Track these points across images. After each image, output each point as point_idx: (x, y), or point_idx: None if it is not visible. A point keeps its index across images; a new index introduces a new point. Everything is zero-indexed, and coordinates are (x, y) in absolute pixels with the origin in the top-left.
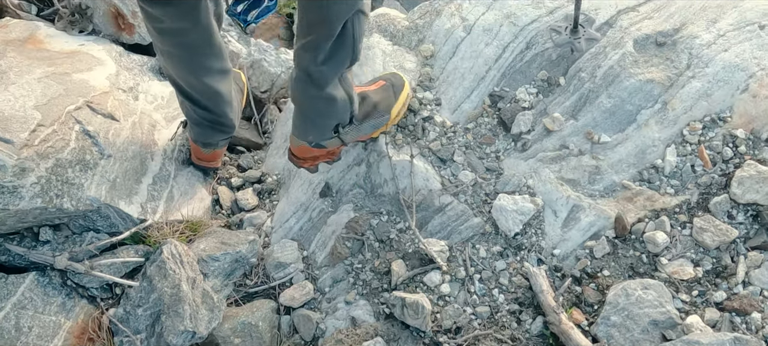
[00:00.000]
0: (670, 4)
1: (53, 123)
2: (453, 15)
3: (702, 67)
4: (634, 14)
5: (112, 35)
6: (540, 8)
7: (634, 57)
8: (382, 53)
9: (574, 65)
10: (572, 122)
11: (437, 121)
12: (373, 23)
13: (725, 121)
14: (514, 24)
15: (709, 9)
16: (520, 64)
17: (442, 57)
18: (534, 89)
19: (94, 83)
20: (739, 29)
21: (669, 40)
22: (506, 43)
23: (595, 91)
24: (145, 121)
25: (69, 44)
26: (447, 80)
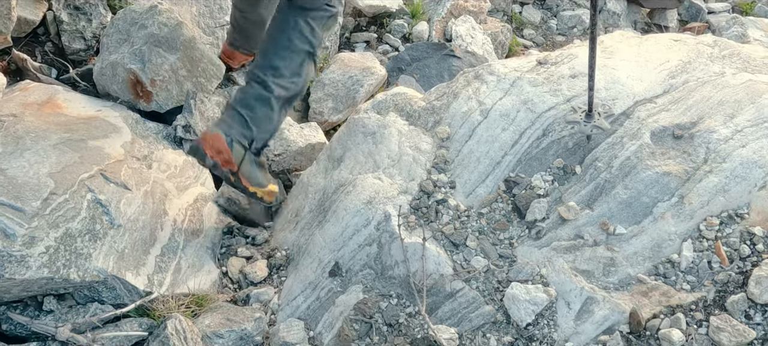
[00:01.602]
0: (687, 97)
1: (66, 191)
2: (470, 98)
3: (719, 163)
4: (651, 106)
5: (130, 102)
6: (558, 96)
7: (651, 149)
8: (398, 133)
9: (590, 154)
10: (588, 212)
11: (451, 205)
12: (390, 102)
13: (743, 218)
14: (532, 110)
15: (726, 103)
16: (537, 150)
17: (458, 140)
18: (550, 177)
19: (109, 151)
20: (757, 125)
21: (686, 134)
22: (523, 129)
23: (612, 181)
24: (158, 190)
25: (87, 109)
26: (462, 163)
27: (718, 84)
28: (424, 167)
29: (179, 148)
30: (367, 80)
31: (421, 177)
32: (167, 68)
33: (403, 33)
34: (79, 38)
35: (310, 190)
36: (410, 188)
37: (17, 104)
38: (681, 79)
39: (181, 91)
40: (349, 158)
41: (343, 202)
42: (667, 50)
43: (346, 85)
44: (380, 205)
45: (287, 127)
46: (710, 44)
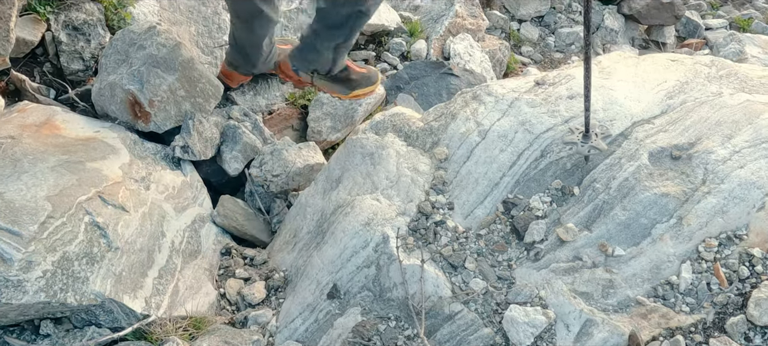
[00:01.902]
0: (685, 118)
1: (63, 215)
2: (468, 119)
3: (717, 183)
4: (649, 126)
5: (128, 122)
6: (555, 116)
7: (649, 170)
8: (396, 154)
9: (588, 175)
10: (586, 233)
11: (449, 226)
12: (388, 122)
13: (741, 239)
14: (530, 132)
15: (724, 124)
16: (535, 172)
17: (456, 161)
18: (548, 198)
19: (107, 173)
20: (755, 146)
21: (684, 154)
22: (521, 150)
23: (610, 202)
24: (155, 212)
25: (85, 130)
26: (460, 185)
27: (715, 104)
28: (423, 188)
29: (177, 168)
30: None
31: (419, 198)
32: (165, 89)
33: (401, 51)
34: (77, 59)
35: (309, 211)
36: (408, 210)
37: (15, 126)
38: (678, 99)
39: (179, 111)
40: (347, 179)
41: (342, 223)
42: (664, 70)
43: (344, 104)
44: (378, 226)
45: (285, 148)
46: (707, 64)
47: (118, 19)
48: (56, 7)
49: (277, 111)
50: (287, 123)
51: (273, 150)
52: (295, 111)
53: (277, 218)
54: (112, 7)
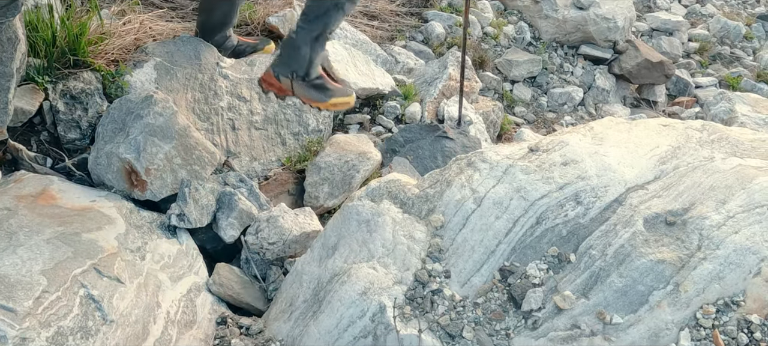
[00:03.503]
0: (678, 183)
1: (58, 289)
2: (463, 186)
3: (713, 249)
4: (643, 192)
5: (125, 191)
6: (550, 183)
7: (644, 236)
8: (392, 221)
9: (584, 242)
10: (583, 301)
11: (446, 295)
12: (384, 189)
13: (739, 306)
14: (525, 198)
15: (717, 189)
16: (531, 239)
17: (452, 228)
18: (544, 265)
19: (102, 244)
20: (749, 211)
21: (679, 220)
22: (516, 217)
23: (607, 269)
24: (151, 282)
25: (81, 200)
26: (457, 252)
27: (708, 169)
28: (419, 256)
29: (173, 237)
30: (364, 166)
31: (415, 266)
32: (162, 157)
33: (396, 114)
34: (75, 127)
35: (305, 279)
36: (405, 278)
37: (12, 197)
38: (671, 164)
39: (176, 179)
40: (343, 246)
41: (338, 292)
42: (656, 135)
43: (342, 169)
44: (375, 296)
45: (281, 215)
46: (699, 129)
47: (115, 87)
48: (54, 76)
49: (273, 176)
50: (283, 188)
51: (269, 217)
52: (291, 176)
53: (273, 285)
54: (109, 75)
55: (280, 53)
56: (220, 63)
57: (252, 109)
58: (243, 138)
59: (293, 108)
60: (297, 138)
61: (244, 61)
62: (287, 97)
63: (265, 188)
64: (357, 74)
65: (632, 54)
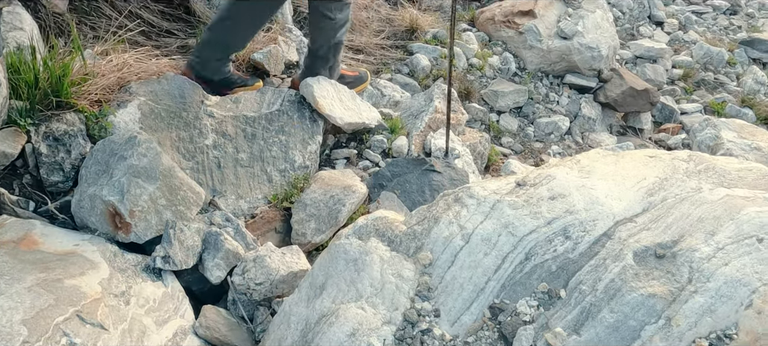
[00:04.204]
0: (667, 215)
1: (40, 338)
2: (451, 222)
3: (703, 282)
4: (631, 225)
5: (109, 234)
6: (538, 218)
7: (634, 270)
8: (380, 259)
9: (574, 277)
10: (575, 338)
11: (436, 335)
12: (371, 227)
13: (732, 339)
14: (513, 234)
15: (706, 220)
16: (520, 275)
17: (441, 266)
18: (535, 302)
19: (85, 289)
20: (738, 242)
21: (669, 253)
22: (505, 254)
23: (597, 305)
24: (136, 327)
25: (64, 244)
26: (446, 290)
27: (696, 200)
28: (408, 295)
29: (158, 279)
30: (349, 199)
31: (404, 306)
32: (146, 198)
33: (382, 148)
34: (57, 170)
35: (293, 319)
36: (394, 318)
37: None
38: (659, 196)
39: (161, 220)
40: (331, 286)
41: (326, 334)
42: (643, 167)
43: (328, 205)
44: (364, 337)
45: (268, 255)
46: (685, 159)
47: (99, 128)
48: (37, 118)
49: (260, 214)
50: (270, 226)
51: (256, 257)
52: (278, 213)
53: (260, 327)
54: (93, 116)
55: (307, 69)
56: (205, 101)
57: (238, 146)
58: (229, 176)
59: (279, 145)
60: (283, 175)
61: (229, 98)
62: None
63: (251, 226)
64: (343, 109)
65: (617, 82)
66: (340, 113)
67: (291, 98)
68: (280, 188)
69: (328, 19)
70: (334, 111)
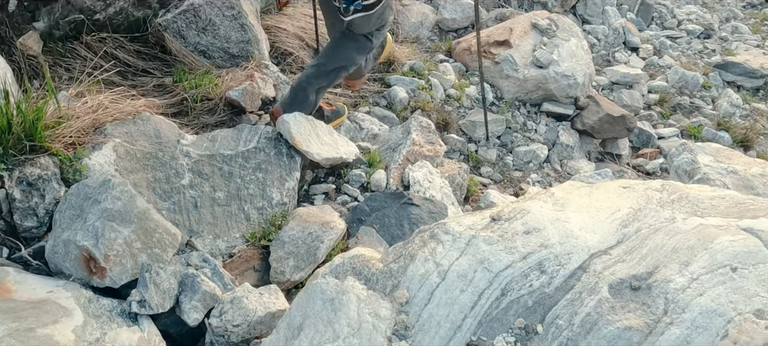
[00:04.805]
0: (641, 246)
1: None
2: (427, 259)
3: (679, 313)
4: (606, 257)
5: (83, 279)
6: (513, 253)
7: (610, 303)
8: (356, 299)
9: (551, 312)
10: None
11: None
12: (348, 265)
13: None
14: (489, 270)
15: (680, 250)
16: (497, 311)
17: (418, 303)
18: (512, 338)
19: (58, 338)
20: (712, 272)
21: (644, 285)
22: (481, 290)
23: (574, 339)
24: None
25: (37, 291)
26: (423, 329)
27: (669, 230)
28: (385, 335)
29: (135, 324)
30: (327, 236)
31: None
32: (121, 242)
33: (361, 182)
34: (31, 215)
35: None
36: None
37: None
38: (633, 227)
39: (136, 263)
40: (308, 327)
41: None
42: (617, 198)
43: (306, 242)
44: None
45: (246, 295)
46: (658, 189)
47: (73, 171)
48: (10, 163)
49: (238, 253)
50: (248, 265)
51: (233, 298)
52: (256, 252)
53: None
54: (67, 160)
55: (290, 96)
56: (181, 141)
57: (214, 185)
58: (206, 216)
59: (256, 183)
60: (261, 213)
61: (205, 137)
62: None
63: (229, 266)
64: (320, 145)
65: (594, 109)
66: (317, 149)
67: (268, 135)
68: (257, 226)
69: (355, 41)
70: (311, 147)
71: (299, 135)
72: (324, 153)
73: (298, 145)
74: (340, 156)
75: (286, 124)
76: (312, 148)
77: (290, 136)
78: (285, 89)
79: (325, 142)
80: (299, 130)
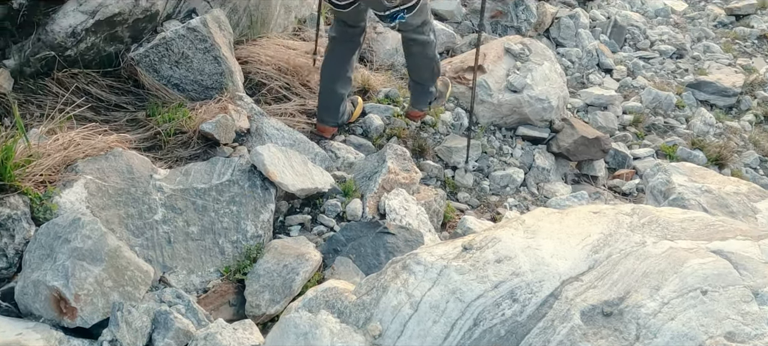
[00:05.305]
0: (612, 272)
1: None
2: (399, 291)
3: (651, 338)
4: (578, 284)
5: (54, 320)
6: (485, 282)
7: (582, 330)
8: (330, 332)
9: (523, 340)
10: None
11: None
12: (321, 299)
13: None
14: (461, 300)
15: (650, 275)
16: (470, 341)
17: (391, 336)
18: None
19: None
20: (683, 296)
21: (615, 310)
22: (454, 320)
23: None
24: None
25: (6, 334)
26: None
27: (640, 255)
28: None
29: None
30: (303, 268)
31: None
32: (92, 281)
33: (337, 212)
34: (1, 256)
35: None
36: None
37: None
38: (604, 252)
39: (108, 302)
40: None
41: None
42: (588, 223)
43: (281, 274)
44: None
45: (219, 331)
46: (629, 213)
47: (44, 210)
48: None
49: (213, 288)
50: (223, 299)
51: (207, 335)
52: (231, 286)
53: None
54: (37, 199)
55: (412, 95)
56: (154, 175)
57: (188, 220)
58: (179, 251)
59: (231, 216)
60: (236, 246)
61: (179, 171)
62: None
63: (204, 301)
64: (294, 175)
65: (568, 132)
66: (291, 180)
67: (241, 168)
68: (232, 260)
69: (417, 44)
70: (285, 178)
71: (273, 166)
72: (298, 184)
73: (272, 177)
74: (315, 186)
75: (259, 156)
76: (286, 179)
77: (264, 168)
78: (260, 120)
79: (299, 173)
80: (273, 162)
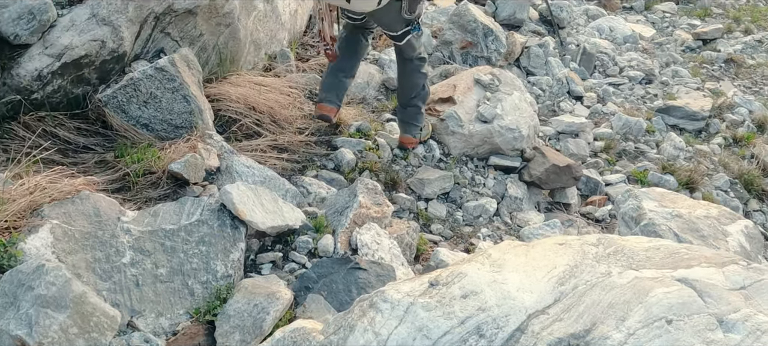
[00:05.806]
0: (578, 303)
1: None
2: (366, 330)
3: None
4: (544, 317)
5: None
6: (451, 318)
7: None
8: None
9: None
10: None
11: None
12: (289, 339)
13: None
14: (427, 337)
15: (616, 306)
16: None
17: None
18: None
19: None
20: (648, 326)
21: (582, 343)
22: None
23: None
24: None
25: None
26: None
27: (606, 285)
28: None
29: None
30: (273, 307)
31: None
32: (56, 328)
33: (308, 248)
34: None
35: None
36: None
37: None
38: (570, 284)
39: None
40: None
41: None
42: (554, 256)
43: (251, 314)
44: None
45: None
46: (594, 243)
47: (8, 257)
48: None
49: (182, 331)
50: (193, 342)
51: None
52: (201, 328)
53: None
54: (1, 245)
55: (403, 123)
56: (122, 218)
57: (156, 262)
58: (148, 294)
59: (200, 256)
60: (205, 287)
61: (147, 212)
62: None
63: (173, 344)
64: (264, 213)
65: (540, 160)
66: (261, 218)
67: (211, 207)
68: (202, 301)
69: (413, 62)
70: (254, 216)
71: (242, 205)
72: (269, 222)
73: (242, 215)
74: (286, 223)
75: (228, 195)
76: (256, 217)
77: (233, 207)
78: (230, 158)
79: (269, 210)
80: (242, 200)
